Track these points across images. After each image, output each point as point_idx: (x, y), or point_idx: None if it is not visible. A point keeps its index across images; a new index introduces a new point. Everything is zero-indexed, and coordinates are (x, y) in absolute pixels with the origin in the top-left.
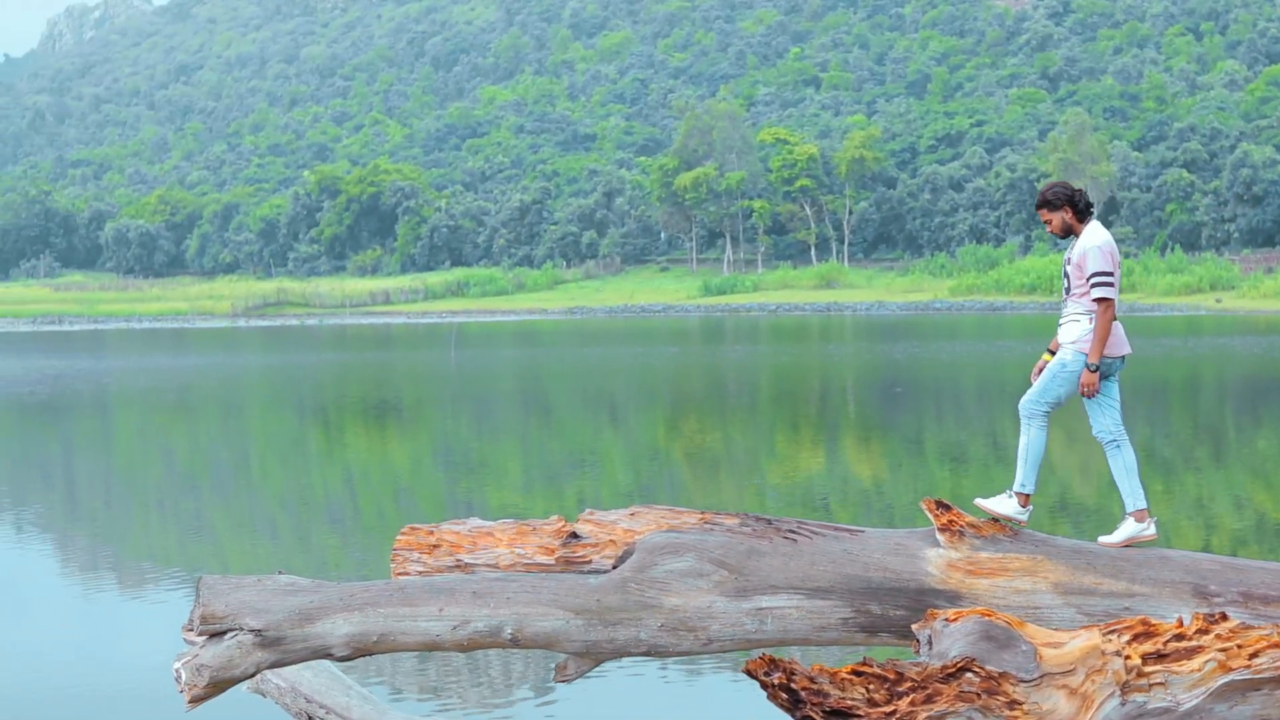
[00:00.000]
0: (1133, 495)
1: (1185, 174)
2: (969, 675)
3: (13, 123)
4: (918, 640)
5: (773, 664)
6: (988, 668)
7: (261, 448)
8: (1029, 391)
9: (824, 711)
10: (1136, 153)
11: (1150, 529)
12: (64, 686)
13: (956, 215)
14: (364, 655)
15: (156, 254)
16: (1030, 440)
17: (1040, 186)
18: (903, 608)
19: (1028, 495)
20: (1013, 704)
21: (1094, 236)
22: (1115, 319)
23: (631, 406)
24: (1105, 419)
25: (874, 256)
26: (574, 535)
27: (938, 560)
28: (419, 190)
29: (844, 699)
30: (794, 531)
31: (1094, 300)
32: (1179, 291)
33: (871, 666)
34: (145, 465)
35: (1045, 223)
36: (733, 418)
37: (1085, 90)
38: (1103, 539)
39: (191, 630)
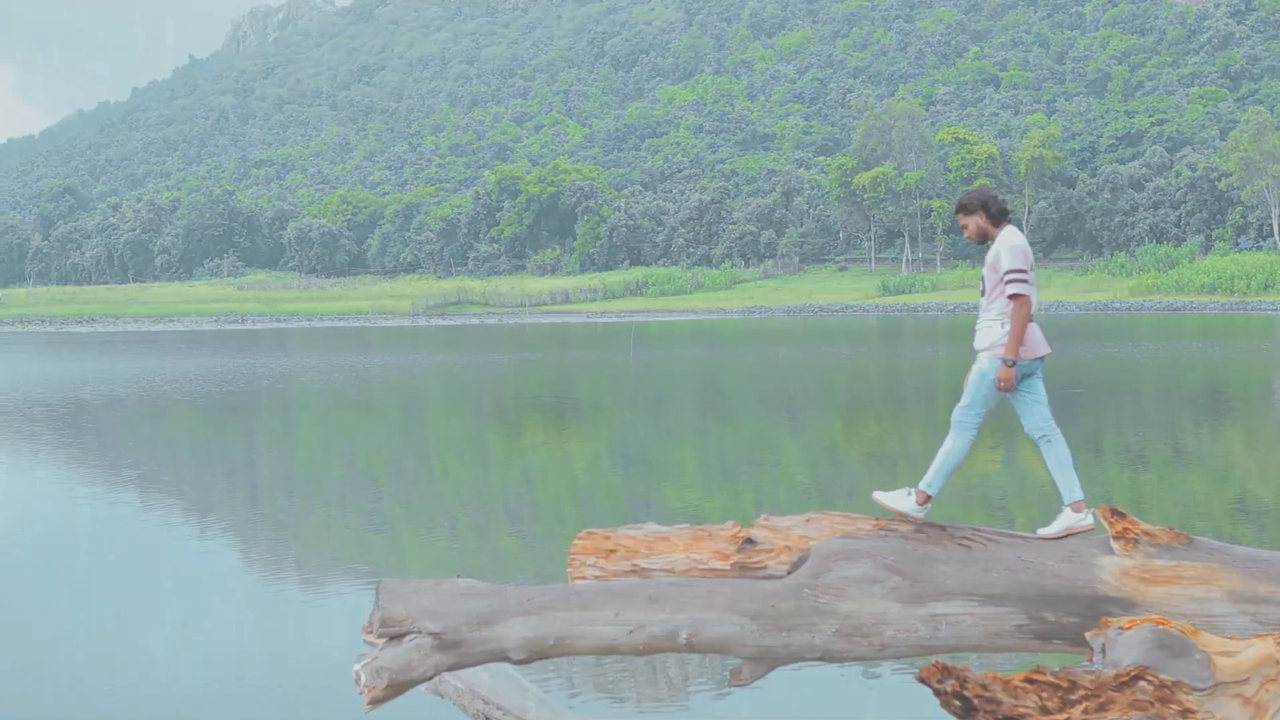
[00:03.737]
0: (1068, 487)
1: None
2: (1142, 684)
3: (197, 123)
4: (1091, 648)
5: (946, 671)
6: (1161, 676)
7: (441, 447)
8: (960, 401)
9: (997, 719)
10: None
11: (1087, 519)
12: (244, 686)
13: (1136, 215)
14: (541, 659)
15: (338, 253)
16: (954, 448)
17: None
18: (1076, 615)
19: (929, 496)
20: (1186, 713)
21: (1008, 239)
22: (1031, 319)
23: (809, 407)
24: (1035, 416)
25: (1053, 256)
26: (749, 541)
27: (1112, 568)
28: (598, 190)
29: (1017, 706)
30: (968, 538)
31: (1008, 297)
32: None
33: (1045, 674)
34: (328, 463)
35: (963, 228)
36: (911, 418)
37: (1267, 88)
38: (1041, 530)
39: (371, 632)
